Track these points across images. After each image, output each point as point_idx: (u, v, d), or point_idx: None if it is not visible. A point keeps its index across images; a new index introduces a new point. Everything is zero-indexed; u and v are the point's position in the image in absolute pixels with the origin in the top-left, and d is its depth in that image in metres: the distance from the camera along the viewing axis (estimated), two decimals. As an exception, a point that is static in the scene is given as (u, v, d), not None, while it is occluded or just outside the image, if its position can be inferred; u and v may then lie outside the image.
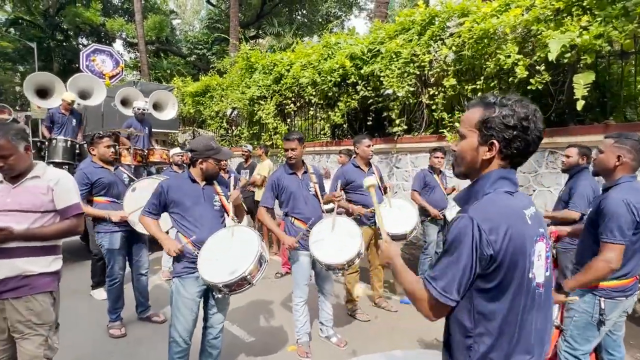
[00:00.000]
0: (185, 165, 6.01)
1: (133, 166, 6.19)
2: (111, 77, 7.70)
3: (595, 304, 2.28)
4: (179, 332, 2.67)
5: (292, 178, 3.43)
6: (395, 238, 4.03)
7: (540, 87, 4.40)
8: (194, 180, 2.79)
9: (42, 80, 6.50)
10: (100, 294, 4.67)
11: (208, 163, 2.75)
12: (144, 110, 6.70)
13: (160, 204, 2.76)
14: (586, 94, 3.95)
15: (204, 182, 2.82)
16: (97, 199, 3.77)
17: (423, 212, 4.69)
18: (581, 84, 3.95)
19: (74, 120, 6.39)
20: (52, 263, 2.30)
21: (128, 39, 24.49)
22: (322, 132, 7.60)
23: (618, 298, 2.27)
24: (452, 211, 4.70)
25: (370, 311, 4.36)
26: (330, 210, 3.65)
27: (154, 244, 3.36)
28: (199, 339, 2.90)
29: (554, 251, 3.44)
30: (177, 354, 2.67)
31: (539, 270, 1.22)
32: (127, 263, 4.01)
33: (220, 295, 2.60)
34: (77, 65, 24.05)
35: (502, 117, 1.19)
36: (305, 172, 3.51)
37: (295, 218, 3.38)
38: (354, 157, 4.33)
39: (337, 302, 4.54)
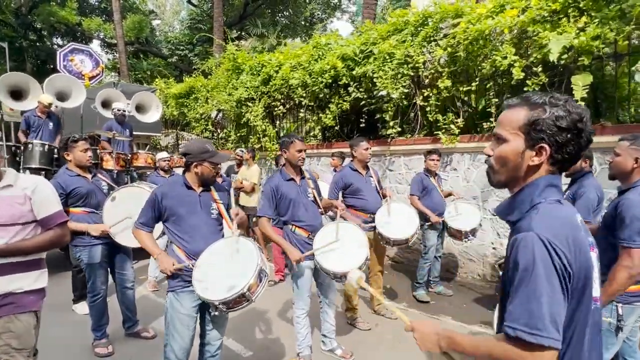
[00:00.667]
0: (172, 170, 5.76)
1: (116, 172, 5.90)
2: (91, 78, 7.35)
3: (612, 310, 2.21)
4: (175, 351, 2.47)
5: (290, 184, 3.24)
6: (397, 243, 3.94)
7: (536, 89, 4.38)
8: (189, 187, 2.59)
9: (16, 81, 6.12)
10: (83, 308, 4.38)
11: (203, 167, 2.55)
12: (125, 111, 6.39)
13: (155, 214, 2.55)
14: (585, 95, 3.94)
15: (200, 189, 2.62)
16: (73, 210, 3.43)
17: (422, 217, 4.60)
18: (580, 85, 3.94)
19: (51, 124, 6.04)
20: (38, 278, 2.10)
21: (106, 40, 23.77)
22: (312, 135, 7.45)
23: (635, 303, 2.20)
24: (450, 214, 4.63)
25: (370, 319, 4.22)
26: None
27: (139, 251, 3.10)
28: (195, 355, 2.69)
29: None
30: None
31: (596, 284, 1.10)
32: (111, 275, 3.75)
33: (217, 313, 2.40)
34: (51, 66, 23.26)
35: (555, 118, 1.05)
36: (303, 178, 3.36)
37: (296, 226, 3.22)
38: (352, 161, 4.20)
39: (337, 311, 4.39)
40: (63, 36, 24.29)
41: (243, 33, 20.61)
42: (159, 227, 2.70)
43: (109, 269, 3.70)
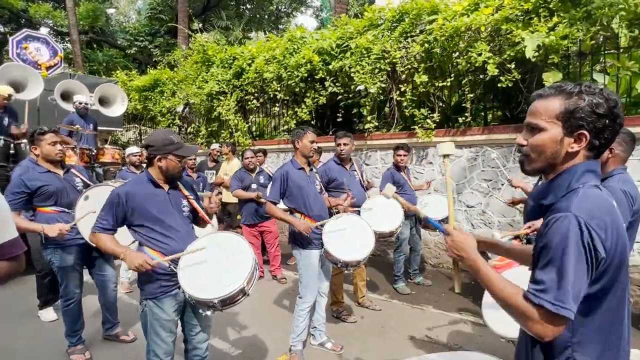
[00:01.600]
0: (143, 165, 5.49)
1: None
2: (48, 68, 6.80)
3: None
4: (160, 356, 2.33)
5: (300, 173, 3.30)
6: (382, 236, 3.98)
7: (510, 85, 4.58)
8: (156, 184, 2.39)
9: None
10: (49, 314, 4.11)
11: (168, 160, 2.33)
12: (87, 104, 6.01)
13: (117, 217, 2.29)
14: (555, 91, 4.16)
15: (167, 186, 2.42)
16: (42, 209, 3.18)
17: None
18: (550, 82, 4.16)
19: (6, 118, 5.55)
20: None
21: (56, 28, 22.18)
22: (287, 129, 7.37)
23: None
24: (422, 206, 4.74)
25: (355, 311, 4.26)
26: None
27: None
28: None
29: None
30: None
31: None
32: (91, 277, 3.52)
33: (209, 312, 2.29)
34: (-6, 54, 21.33)
35: (593, 105, 1.10)
36: (312, 170, 3.43)
37: (304, 215, 3.24)
38: (336, 155, 4.20)
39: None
40: (6, 23, 22.38)
41: (206, 25, 19.99)
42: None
43: (85, 270, 3.46)
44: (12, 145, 5.23)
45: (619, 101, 1.12)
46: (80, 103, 6.01)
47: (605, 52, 4.55)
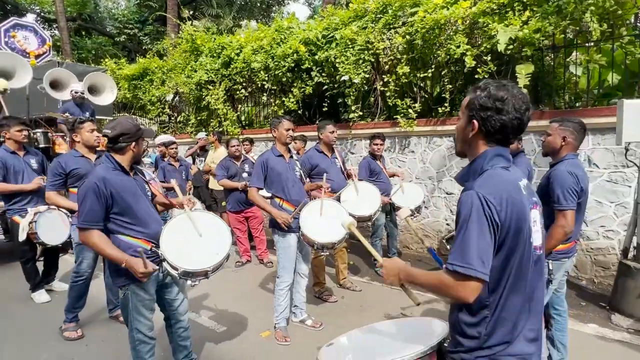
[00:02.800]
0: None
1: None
2: (37, 57, 6.84)
3: (544, 265, 2.60)
4: (144, 332, 2.48)
5: (279, 160, 3.46)
6: (361, 220, 4.18)
7: (486, 76, 4.77)
8: (124, 171, 2.42)
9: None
10: (42, 296, 4.29)
11: (140, 144, 2.46)
12: (83, 93, 6.10)
13: (103, 206, 2.26)
14: (527, 83, 4.37)
15: (132, 172, 2.48)
16: (73, 190, 3.53)
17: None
18: (523, 74, 4.36)
19: None
20: None
21: (43, 14, 21.81)
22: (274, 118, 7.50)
23: (562, 259, 2.62)
24: (396, 194, 4.94)
25: (336, 292, 4.49)
26: None
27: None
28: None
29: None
30: (147, 352, 2.51)
31: (536, 235, 1.37)
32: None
33: (197, 282, 2.48)
34: (-22, 41, 20.99)
35: (480, 99, 1.34)
36: (291, 157, 3.57)
37: (283, 200, 3.41)
38: (318, 143, 4.37)
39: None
40: (-9, 9, 21.95)
41: (197, 13, 19.81)
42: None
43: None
44: None
45: (508, 97, 1.31)
46: (76, 92, 6.11)
47: (578, 45, 4.75)
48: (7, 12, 21.14)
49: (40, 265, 4.45)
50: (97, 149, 3.73)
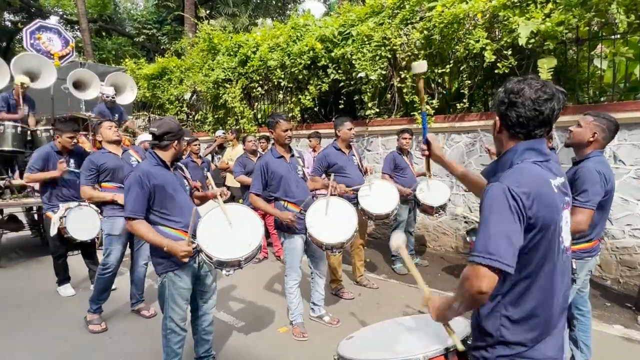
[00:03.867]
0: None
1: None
2: (61, 58, 7.03)
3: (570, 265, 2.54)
4: (176, 322, 2.59)
5: (280, 162, 3.40)
6: (379, 218, 4.17)
7: (507, 71, 4.67)
8: (165, 166, 2.60)
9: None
10: (67, 290, 4.44)
11: (181, 143, 2.65)
12: (113, 96, 6.30)
13: (146, 196, 2.44)
14: (550, 77, 4.25)
15: (172, 168, 2.66)
16: (105, 184, 3.73)
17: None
18: (545, 68, 4.25)
19: (26, 107, 5.82)
20: None
21: (66, 16, 22.40)
22: (291, 116, 7.54)
23: (586, 258, 2.55)
24: (422, 191, 4.90)
25: (353, 290, 4.48)
26: None
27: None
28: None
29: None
30: (177, 343, 2.60)
31: (567, 235, 1.34)
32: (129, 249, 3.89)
33: (232, 272, 2.57)
34: (4, 43, 21.63)
35: (499, 96, 1.35)
36: (292, 156, 3.51)
37: (287, 202, 3.37)
38: (335, 140, 4.36)
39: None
40: (17, 12, 22.67)
41: (213, 12, 20.00)
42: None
43: (126, 247, 3.80)
44: (29, 131, 5.50)
45: (523, 89, 1.28)
46: (107, 96, 6.31)
47: (603, 38, 4.60)
48: (32, 14, 21.81)
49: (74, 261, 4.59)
50: (121, 144, 3.91)
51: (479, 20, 4.83)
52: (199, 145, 6.29)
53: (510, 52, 4.60)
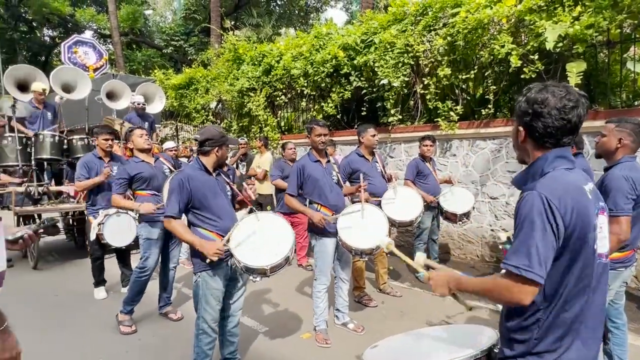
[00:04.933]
0: (178, 159, 5.92)
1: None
2: (95, 70, 7.43)
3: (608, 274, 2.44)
4: (208, 322, 2.67)
5: (316, 166, 3.48)
6: (402, 225, 4.14)
7: (533, 76, 4.58)
8: (207, 171, 2.74)
9: (23, 74, 6.19)
10: (100, 293, 4.61)
11: (223, 150, 2.76)
12: (144, 104, 6.57)
13: (184, 200, 2.60)
14: (579, 82, 4.14)
15: (214, 173, 2.80)
16: (139, 192, 3.83)
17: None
18: (574, 72, 4.14)
19: (49, 114, 6.15)
20: None
21: (99, 30, 23.51)
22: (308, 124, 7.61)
23: (619, 269, 2.45)
24: (445, 199, 4.84)
25: (376, 297, 4.45)
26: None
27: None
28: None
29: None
30: (207, 344, 2.68)
31: (602, 242, 1.30)
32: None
33: (259, 279, 2.63)
34: (43, 57, 22.92)
35: (521, 106, 1.32)
36: (329, 161, 3.59)
37: (321, 205, 3.43)
38: (358, 147, 4.38)
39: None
40: (55, 27, 24.00)
41: (238, 23, 20.52)
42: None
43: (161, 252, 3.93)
44: (65, 140, 5.80)
45: (547, 98, 1.25)
46: (138, 104, 6.59)
47: (636, 40, 4.45)
48: (68, 29, 23.04)
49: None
50: (151, 152, 4.01)
51: (504, 25, 4.77)
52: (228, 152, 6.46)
53: (537, 57, 4.51)
